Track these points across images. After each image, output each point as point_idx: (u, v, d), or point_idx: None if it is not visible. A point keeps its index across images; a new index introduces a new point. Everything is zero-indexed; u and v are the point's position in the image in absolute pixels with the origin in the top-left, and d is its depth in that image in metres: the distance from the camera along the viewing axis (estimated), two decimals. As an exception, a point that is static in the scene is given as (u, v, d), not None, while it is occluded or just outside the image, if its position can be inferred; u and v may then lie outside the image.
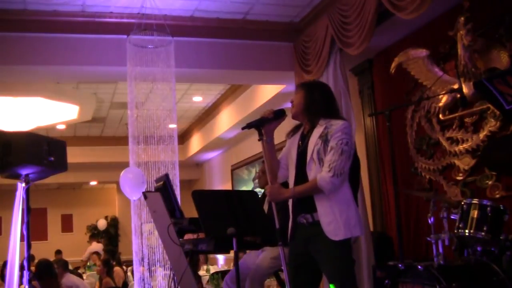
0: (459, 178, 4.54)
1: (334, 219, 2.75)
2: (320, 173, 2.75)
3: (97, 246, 12.84)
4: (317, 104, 2.90)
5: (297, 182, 2.89)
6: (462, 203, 3.53)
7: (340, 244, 2.75)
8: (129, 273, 8.79)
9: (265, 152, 2.97)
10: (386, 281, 3.79)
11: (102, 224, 14.84)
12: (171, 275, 4.10)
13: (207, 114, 9.99)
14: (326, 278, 2.86)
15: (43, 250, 11.48)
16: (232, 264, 8.32)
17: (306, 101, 2.92)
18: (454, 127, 4.58)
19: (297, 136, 3.00)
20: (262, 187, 4.64)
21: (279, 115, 2.99)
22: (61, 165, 3.85)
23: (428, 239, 3.69)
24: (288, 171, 3.03)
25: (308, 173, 2.81)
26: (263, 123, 2.94)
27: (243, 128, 3.01)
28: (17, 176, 3.72)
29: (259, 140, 2.94)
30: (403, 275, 3.59)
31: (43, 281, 4.80)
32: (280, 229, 2.86)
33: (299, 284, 2.88)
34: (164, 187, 3.97)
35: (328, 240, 2.74)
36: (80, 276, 7.55)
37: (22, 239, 3.66)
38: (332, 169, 2.70)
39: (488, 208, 3.37)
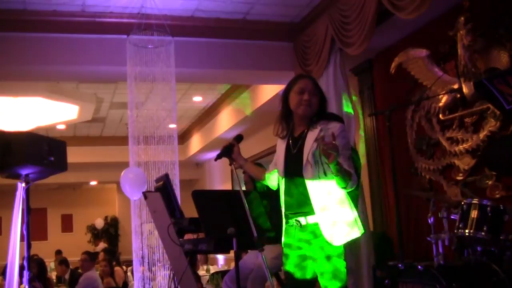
0: (459, 178, 4.54)
1: (332, 224, 2.74)
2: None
3: (103, 247, 12.89)
4: (324, 110, 2.93)
5: (287, 186, 2.87)
6: (462, 203, 3.53)
7: (335, 247, 2.75)
8: (129, 273, 8.79)
9: (248, 172, 3.32)
10: (386, 281, 3.79)
11: (99, 223, 14.84)
12: (171, 275, 4.10)
13: (207, 114, 9.99)
14: (319, 279, 2.85)
15: (43, 250, 11.50)
16: (232, 264, 8.33)
17: (320, 106, 2.91)
18: (454, 127, 4.58)
19: (284, 141, 2.98)
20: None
21: (239, 139, 3.28)
22: (61, 165, 3.85)
23: (428, 239, 3.69)
24: (275, 179, 3.08)
25: (305, 177, 2.79)
26: (230, 150, 3.19)
27: (216, 159, 3.22)
28: (17, 176, 3.72)
29: (230, 165, 3.21)
30: (403, 275, 3.59)
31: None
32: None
33: (295, 285, 2.89)
34: (164, 187, 3.97)
35: (323, 243, 2.75)
36: (80, 275, 7.56)
37: (22, 239, 3.66)
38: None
39: (488, 208, 3.37)
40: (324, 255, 2.76)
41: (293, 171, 2.85)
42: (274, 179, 3.13)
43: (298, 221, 2.83)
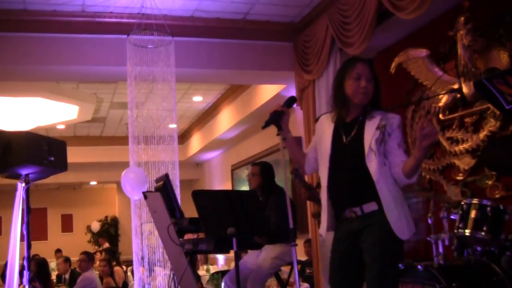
0: (459, 178, 4.54)
1: (399, 216, 2.61)
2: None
3: (107, 247, 12.91)
4: (378, 97, 2.77)
5: (335, 176, 2.71)
6: (462, 203, 3.53)
7: (398, 240, 2.62)
8: (129, 273, 8.79)
9: (288, 149, 2.89)
10: (386, 281, 3.78)
11: (95, 226, 14.86)
12: (171, 275, 4.10)
13: (207, 114, 9.99)
14: (368, 271, 2.64)
15: (43, 250, 11.49)
16: (232, 264, 8.32)
17: (376, 92, 2.75)
18: (454, 127, 4.58)
19: (330, 126, 2.79)
20: (253, 189, 4.65)
21: (291, 103, 2.87)
22: (61, 165, 3.85)
23: (428, 239, 3.69)
24: (316, 164, 2.86)
25: (368, 165, 2.61)
26: (280, 116, 2.75)
27: (263, 127, 2.81)
28: (17, 176, 3.72)
29: (277, 135, 2.77)
30: (403, 275, 3.59)
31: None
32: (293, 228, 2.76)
33: (343, 277, 2.73)
34: (164, 187, 3.97)
35: (381, 232, 2.59)
36: (79, 275, 7.56)
37: (22, 239, 3.66)
38: None
39: (488, 208, 3.37)
40: (382, 245, 2.60)
41: (346, 159, 2.69)
42: (314, 165, 2.91)
43: (353, 212, 2.67)
